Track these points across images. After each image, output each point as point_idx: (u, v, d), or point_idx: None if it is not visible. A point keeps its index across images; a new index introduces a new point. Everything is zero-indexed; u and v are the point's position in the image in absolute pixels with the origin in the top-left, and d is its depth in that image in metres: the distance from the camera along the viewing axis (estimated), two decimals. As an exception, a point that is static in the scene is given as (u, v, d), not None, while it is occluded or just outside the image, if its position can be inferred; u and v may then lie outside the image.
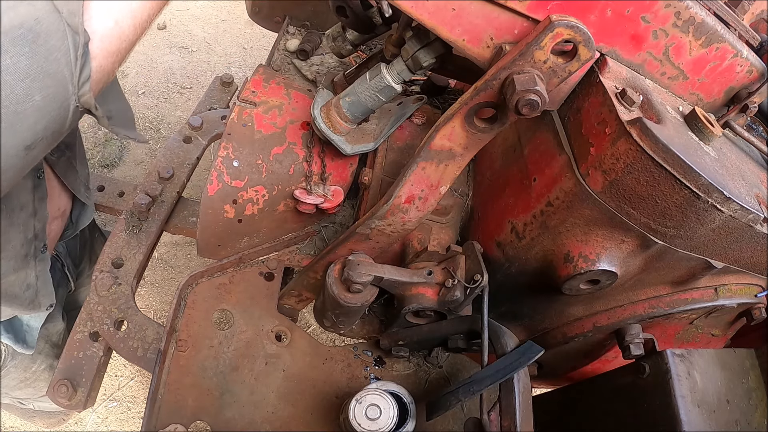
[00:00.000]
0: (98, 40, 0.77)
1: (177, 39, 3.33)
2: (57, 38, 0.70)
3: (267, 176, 1.11)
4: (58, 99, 0.74)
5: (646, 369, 1.00)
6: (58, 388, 1.13)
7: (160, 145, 2.84)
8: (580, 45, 0.73)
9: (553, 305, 1.12)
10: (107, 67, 0.81)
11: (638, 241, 0.86)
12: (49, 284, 1.23)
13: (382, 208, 0.97)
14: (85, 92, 0.77)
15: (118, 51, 0.82)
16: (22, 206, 1.06)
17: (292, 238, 1.24)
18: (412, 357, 1.22)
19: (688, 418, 0.92)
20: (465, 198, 1.20)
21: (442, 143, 0.90)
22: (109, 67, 0.81)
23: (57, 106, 0.74)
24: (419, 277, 1.03)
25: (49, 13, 0.70)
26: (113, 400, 2.03)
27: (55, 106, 0.74)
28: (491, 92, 0.80)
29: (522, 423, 0.90)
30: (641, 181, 0.77)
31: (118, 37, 0.81)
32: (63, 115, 0.76)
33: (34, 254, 1.14)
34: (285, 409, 1.09)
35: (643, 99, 0.81)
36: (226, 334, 1.13)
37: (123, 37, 0.82)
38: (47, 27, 0.70)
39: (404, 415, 0.99)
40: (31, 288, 1.18)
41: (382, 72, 0.98)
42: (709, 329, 1.12)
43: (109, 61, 0.81)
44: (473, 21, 0.79)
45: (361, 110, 1.03)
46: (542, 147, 0.94)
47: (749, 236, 0.82)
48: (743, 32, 0.91)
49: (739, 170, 0.84)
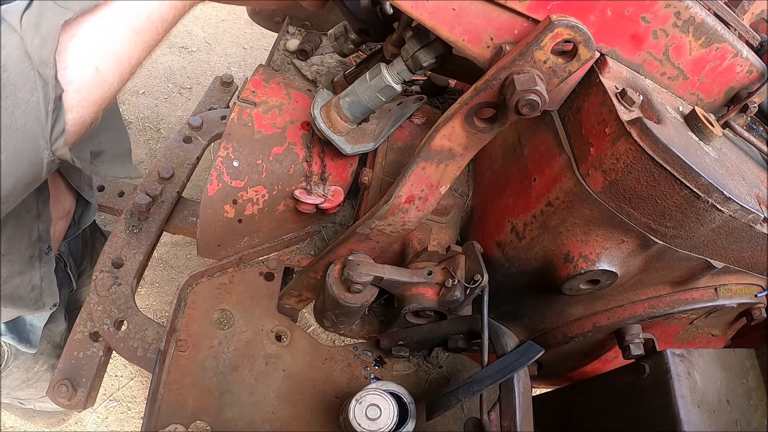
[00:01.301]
0: (75, 91, 0.69)
1: (177, 39, 3.33)
2: (26, 90, 0.64)
3: (267, 176, 1.11)
4: (28, 155, 0.67)
5: (646, 369, 1.00)
6: (58, 387, 1.13)
7: (160, 145, 2.84)
8: (580, 45, 0.73)
9: (553, 305, 1.12)
10: (87, 118, 0.74)
11: (638, 241, 0.86)
12: (53, 284, 1.23)
13: (382, 208, 0.97)
14: (59, 147, 0.70)
15: (101, 100, 0.74)
16: (27, 209, 1.05)
17: (292, 238, 1.24)
18: (412, 357, 1.22)
19: (688, 418, 0.92)
20: (465, 198, 1.20)
21: (442, 143, 0.90)
22: (90, 117, 0.74)
23: (27, 162, 0.68)
24: (419, 277, 1.03)
25: (19, 61, 0.63)
26: (113, 400, 2.03)
27: (25, 163, 0.68)
28: (491, 92, 0.80)
29: (522, 423, 0.90)
30: (641, 181, 0.77)
31: (100, 86, 0.73)
32: (35, 170, 0.70)
33: (39, 256, 1.14)
34: (285, 409, 1.09)
35: (643, 99, 0.81)
36: (226, 334, 1.13)
37: (106, 86, 0.74)
38: (15, 77, 0.63)
39: (404, 415, 0.99)
40: (36, 289, 1.18)
41: (382, 72, 0.98)
42: (709, 329, 1.12)
43: (90, 111, 0.73)
44: (473, 21, 0.79)
45: (361, 110, 1.03)
46: (542, 147, 0.94)
47: (749, 236, 0.82)
48: (743, 32, 0.91)
49: (739, 170, 0.84)
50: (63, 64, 0.67)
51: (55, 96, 0.65)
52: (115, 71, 0.74)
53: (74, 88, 0.69)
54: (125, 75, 0.77)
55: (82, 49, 0.70)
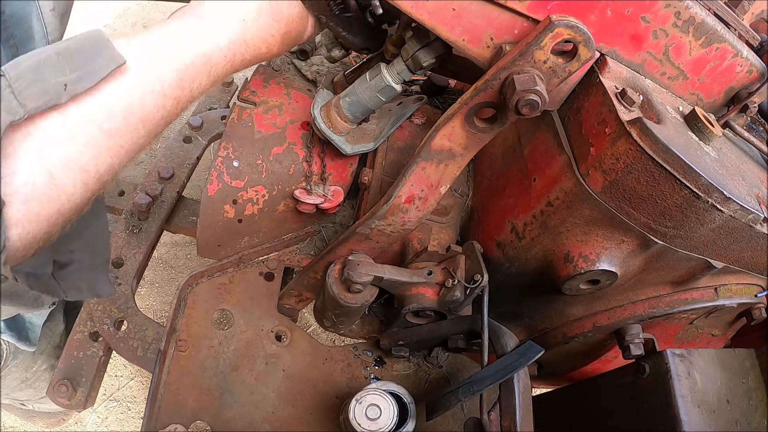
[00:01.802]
0: (21, 202, 0.56)
1: (177, 39, 3.32)
2: None
3: (267, 176, 1.11)
4: None
5: (646, 369, 1.00)
6: (58, 387, 1.13)
7: (160, 145, 2.83)
8: (580, 45, 0.73)
9: (553, 305, 1.12)
10: (39, 234, 0.60)
11: (638, 241, 0.86)
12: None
13: (382, 208, 0.97)
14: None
15: (57, 213, 0.60)
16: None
17: (292, 238, 1.24)
18: (412, 357, 1.22)
19: (688, 418, 0.91)
20: (465, 198, 1.20)
21: (442, 143, 0.89)
22: (42, 233, 0.60)
23: None
24: (419, 277, 1.03)
25: None
26: (113, 400, 2.03)
27: None
28: (491, 92, 0.80)
29: (522, 423, 0.90)
30: (641, 181, 0.77)
31: (56, 198, 0.59)
32: None
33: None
34: (285, 409, 1.09)
35: (643, 99, 0.81)
36: (226, 334, 1.13)
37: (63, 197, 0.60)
38: None
39: (404, 415, 0.99)
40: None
41: (382, 72, 0.98)
42: (709, 329, 1.12)
43: (42, 227, 0.60)
44: (473, 21, 0.79)
45: (361, 110, 1.03)
46: (542, 147, 0.94)
47: (749, 236, 0.82)
48: (743, 32, 0.91)
49: (739, 170, 0.84)
50: (9, 170, 0.55)
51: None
52: (77, 181, 0.61)
53: (21, 198, 0.56)
54: (92, 185, 0.63)
55: (36, 152, 0.57)
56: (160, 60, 0.67)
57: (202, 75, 0.72)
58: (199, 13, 0.74)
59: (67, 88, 0.57)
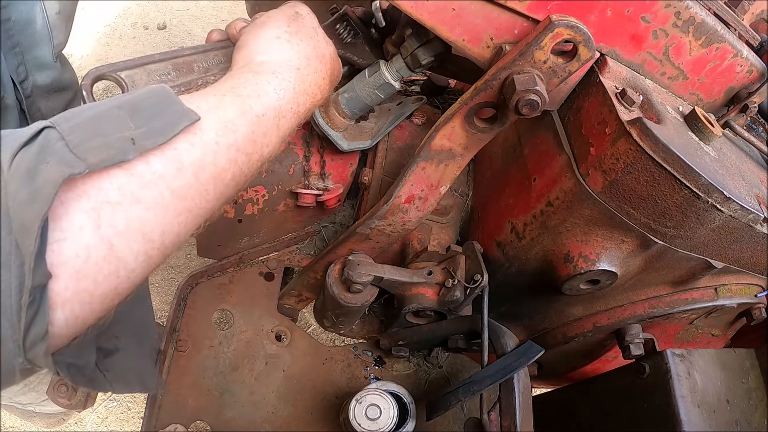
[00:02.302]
0: (71, 277, 0.45)
1: (177, 39, 3.33)
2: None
3: (267, 176, 1.11)
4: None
5: (646, 369, 1.00)
6: (57, 388, 1.13)
7: (160, 145, 2.83)
8: (580, 45, 0.73)
9: (553, 305, 1.12)
10: (90, 318, 0.48)
11: (638, 241, 0.86)
12: None
13: (382, 208, 0.97)
14: (38, 355, 0.44)
15: (113, 293, 0.49)
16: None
17: (292, 238, 1.24)
18: (412, 357, 1.22)
19: (688, 418, 0.92)
20: (465, 198, 1.20)
21: (442, 143, 0.89)
22: (93, 316, 0.49)
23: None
24: (419, 277, 1.03)
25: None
26: (113, 400, 2.03)
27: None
28: (491, 92, 0.80)
29: (522, 423, 0.90)
30: (641, 181, 0.77)
31: (113, 273, 0.48)
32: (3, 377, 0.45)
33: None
34: (285, 409, 1.09)
35: (643, 99, 0.81)
36: (226, 334, 1.13)
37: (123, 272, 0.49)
38: None
39: (404, 415, 0.99)
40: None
41: (381, 69, 0.98)
42: (709, 329, 1.12)
43: (94, 309, 0.48)
44: (473, 21, 0.79)
45: (359, 106, 1.03)
46: (542, 147, 0.94)
47: (749, 236, 0.82)
48: (743, 32, 0.91)
49: (739, 170, 0.84)
50: (59, 234, 0.44)
51: (32, 285, 0.41)
52: (139, 253, 0.50)
53: (71, 273, 0.45)
54: (155, 258, 0.53)
55: (93, 216, 0.46)
56: (230, 112, 0.60)
57: (272, 129, 0.66)
58: (253, 68, 0.69)
59: (136, 143, 0.49)
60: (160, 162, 0.51)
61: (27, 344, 0.43)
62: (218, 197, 0.59)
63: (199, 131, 0.55)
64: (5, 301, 0.41)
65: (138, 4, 3.01)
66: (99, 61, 2.89)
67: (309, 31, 0.77)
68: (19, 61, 0.96)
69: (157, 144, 0.51)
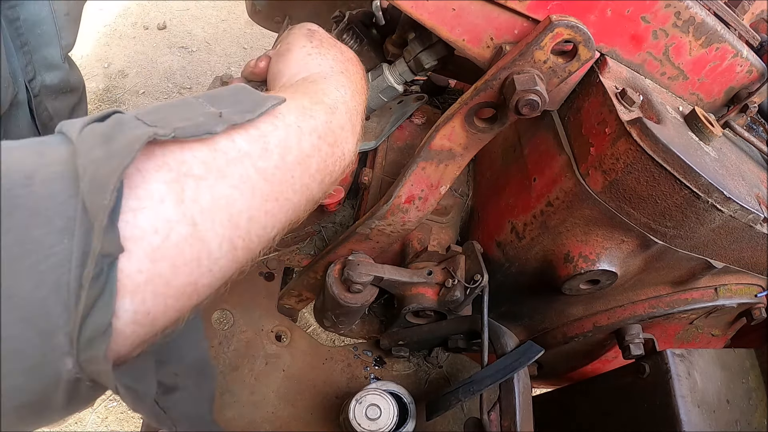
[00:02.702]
0: (147, 257, 0.36)
1: (177, 39, 3.33)
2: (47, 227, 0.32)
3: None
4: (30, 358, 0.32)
5: (646, 369, 1.00)
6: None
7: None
8: (580, 45, 0.73)
9: (553, 305, 1.12)
10: (162, 316, 0.39)
11: (638, 241, 0.86)
12: None
13: (382, 208, 0.97)
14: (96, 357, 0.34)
15: (194, 287, 0.41)
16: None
17: (292, 238, 1.24)
18: (412, 357, 1.22)
19: (688, 418, 0.92)
20: (465, 198, 1.20)
21: (442, 143, 0.90)
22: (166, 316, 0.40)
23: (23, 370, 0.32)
24: (419, 277, 1.03)
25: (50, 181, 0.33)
26: (113, 400, 2.03)
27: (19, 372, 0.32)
28: (491, 92, 0.81)
29: (522, 423, 0.90)
30: (641, 181, 0.77)
31: (195, 259, 0.40)
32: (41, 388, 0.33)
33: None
34: (285, 409, 1.09)
35: (643, 99, 0.81)
36: (226, 334, 1.13)
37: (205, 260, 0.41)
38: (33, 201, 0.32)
39: (404, 415, 0.99)
40: None
41: (384, 73, 0.99)
42: (709, 329, 1.12)
43: (168, 305, 0.39)
44: (473, 21, 0.79)
45: (362, 110, 1.03)
46: (542, 147, 0.94)
47: (749, 236, 0.82)
48: (743, 32, 0.91)
49: (739, 170, 0.84)
50: (135, 203, 0.36)
51: (99, 253, 0.33)
52: (224, 239, 0.43)
53: (146, 251, 0.36)
54: (239, 251, 0.46)
55: (174, 188, 0.39)
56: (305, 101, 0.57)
57: (347, 124, 0.61)
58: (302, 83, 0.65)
59: (223, 115, 0.45)
60: (244, 140, 0.46)
61: (83, 339, 0.33)
62: (303, 190, 0.53)
63: (280, 114, 0.52)
64: (61, 277, 0.32)
65: (138, 4, 3.01)
66: (99, 61, 2.89)
67: (330, 41, 0.75)
68: (27, 60, 0.97)
69: (245, 120, 0.46)
